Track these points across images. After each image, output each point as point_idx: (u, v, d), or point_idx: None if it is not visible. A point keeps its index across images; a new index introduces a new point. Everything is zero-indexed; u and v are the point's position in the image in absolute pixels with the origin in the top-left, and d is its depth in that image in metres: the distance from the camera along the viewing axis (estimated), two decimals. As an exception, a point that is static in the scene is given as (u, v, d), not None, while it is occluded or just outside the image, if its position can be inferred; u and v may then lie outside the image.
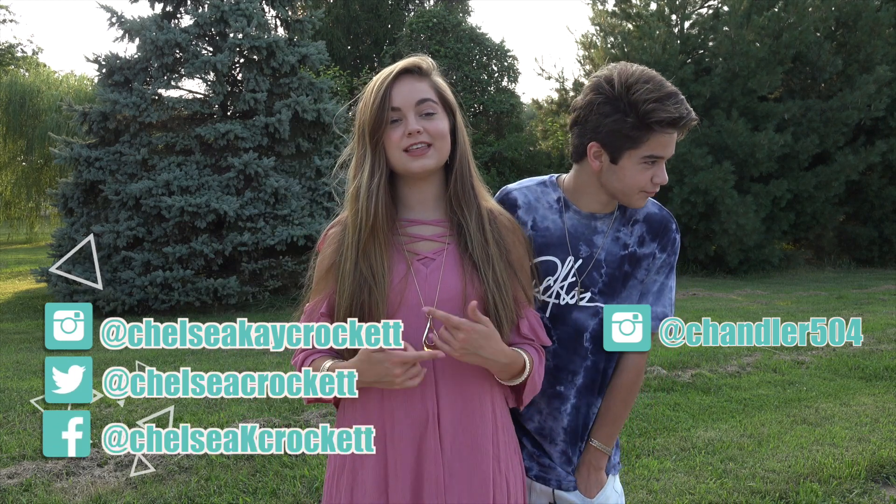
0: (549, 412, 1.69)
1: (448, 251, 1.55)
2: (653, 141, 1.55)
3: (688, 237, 15.04)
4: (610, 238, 1.68)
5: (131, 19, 10.62)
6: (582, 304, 1.66)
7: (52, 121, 19.74)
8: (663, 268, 1.69)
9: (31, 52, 31.00)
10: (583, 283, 1.65)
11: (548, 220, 1.69)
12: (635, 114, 1.52)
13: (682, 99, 1.54)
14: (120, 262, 10.07)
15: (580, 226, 1.68)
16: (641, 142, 1.55)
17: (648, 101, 1.51)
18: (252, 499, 3.36)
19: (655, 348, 6.84)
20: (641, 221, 1.69)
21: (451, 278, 1.53)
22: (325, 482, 1.65)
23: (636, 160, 1.57)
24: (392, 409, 1.52)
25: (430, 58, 1.60)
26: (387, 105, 1.51)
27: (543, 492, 1.71)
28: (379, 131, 1.52)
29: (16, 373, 6.07)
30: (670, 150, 1.58)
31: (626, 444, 4.09)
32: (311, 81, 11.23)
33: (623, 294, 1.67)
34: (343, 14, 24.39)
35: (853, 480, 3.58)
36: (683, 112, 1.53)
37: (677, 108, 1.52)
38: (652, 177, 1.60)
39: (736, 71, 13.67)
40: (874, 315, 8.64)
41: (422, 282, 1.53)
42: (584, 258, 1.66)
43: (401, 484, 1.50)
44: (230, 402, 4.82)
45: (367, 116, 1.53)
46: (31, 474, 3.58)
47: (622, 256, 1.67)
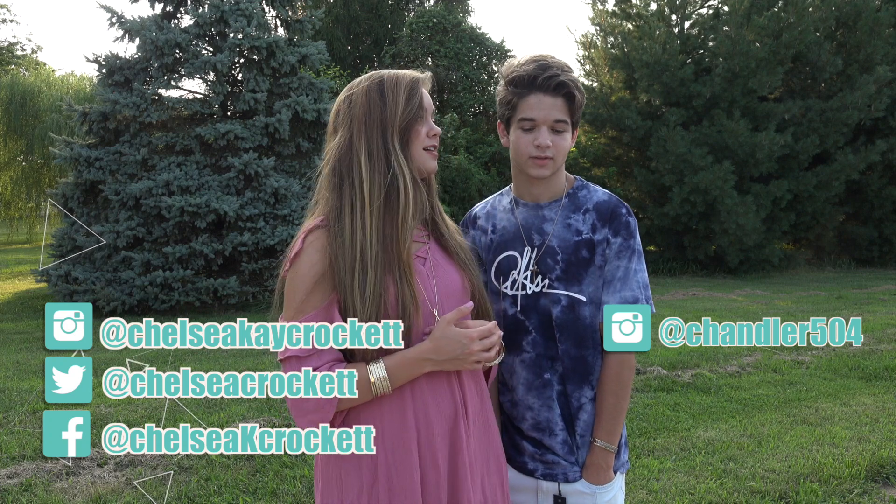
0: (541, 403, 1.70)
1: (432, 250, 1.60)
2: (523, 104, 1.65)
3: (688, 237, 15.04)
4: (560, 225, 1.72)
5: (131, 19, 10.63)
6: (544, 291, 1.70)
7: (52, 121, 19.74)
8: (623, 252, 1.69)
9: (31, 51, 31.01)
10: (539, 269, 1.70)
11: (504, 220, 1.79)
12: (504, 82, 1.70)
13: (544, 63, 1.64)
14: (120, 262, 10.07)
15: (530, 217, 1.75)
16: (515, 107, 1.67)
17: (513, 68, 1.68)
18: (252, 499, 3.36)
19: (655, 348, 6.83)
20: (591, 210, 1.73)
21: (450, 274, 1.59)
22: (326, 490, 1.56)
23: (517, 127, 1.68)
24: (425, 408, 1.51)
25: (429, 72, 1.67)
26: (422, 104, 1.56)
27: (549, 490, 1.71)
28: (412, 128, 1.55)
29: (16, 373, 6.07)
30: (542, 113, 1.64)
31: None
32: (311, 81, 11.24)
33: (586, 280, 1.69)
34: (343, 14, 24.38)
35: (853, 480, 3.58)
36: (537, 72, 1.63)
37: (531, 67, 1.64)
38: (533, 140, 1.66)
39: (736, 71, 13.67)
40: (874, 315, 8.64)
41: (426, 280, 1.55)
42: (538, 246, 1.72)
43: (439, 478, 1.51)
44: (230, 402, 4.82)
45: (400, 112, 1.53)
46: (31, 474, 3.58)
47: (577, 242, 1.70)
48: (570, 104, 1.65)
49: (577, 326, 1.69)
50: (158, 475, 3.58)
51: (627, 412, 1.79)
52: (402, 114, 1.53)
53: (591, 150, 16.42)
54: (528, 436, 1.73)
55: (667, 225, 14.84)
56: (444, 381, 1.52)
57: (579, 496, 1.70)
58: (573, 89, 1.65)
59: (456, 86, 20.02)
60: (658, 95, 14.76)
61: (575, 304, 1.68)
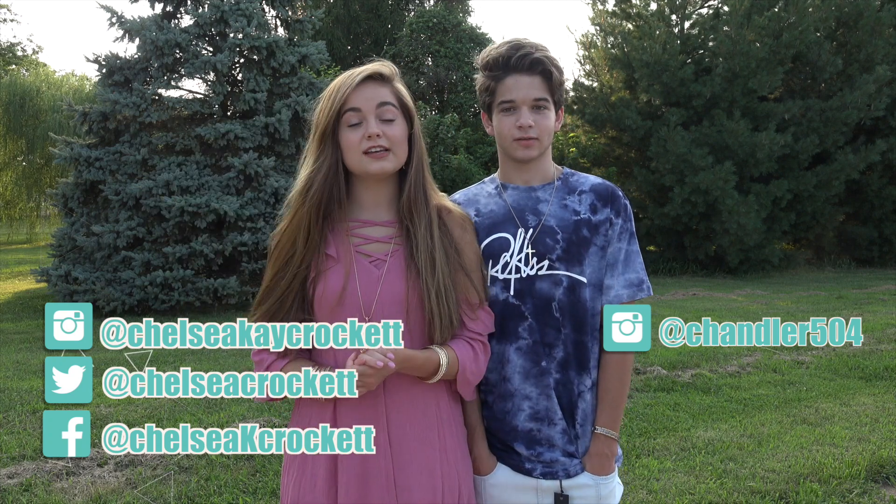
0: (539, 392, 1.66)
1: (396, 254, 1.57)
2: (501, 87, 1.65)
3: (688, 237, 15.03)
4: (556, 205, 1.70)
5: (131, 19, 10.62)
6: (542, 274, 1.65)
7: (52, 121, 19.75)
8: (623, 234, 1.70)
9: (31, 52, 31.03)
10: (537, 250, 1.66)
11: (490, 204, 1.74)
12: (480, 68, 1.70)
13: (521, 44, 1.64)
14: (120, 262, 10.07)
15: (522, 199, 1.72)
16: (493, 91, 1.67)
17: (488, 53, 1.69)
18: (252, 499, 3.36)
19: (655, 348, 6.84)
20: (588, 191, 1.72)
21: (394, 282, 1.55)
22: (281, 472, 1.65)
23: (498, 111, 1.68)
24: (342, 405, 1.54)
25: (392, 64, 1.64)
26: (346, 107, 1.54)
27: (550, 488, 1.68)
28: (337, 131, 1.55)
29: (16, 373, 6.07)
30: (521, 93, 1.64)
31: (625, 444, 4.08)
32: (311, 81, 11.23)
33: (586, 261, 1.67)
34: (343, 14, 24.38)
35: (853, 480, 3.58)
36: (510, 52, 1.64)
37: (507, 49, 1.64)
38: (516, 122, 1.65)
39: (736, 71, 13.67)
40: (874, 315, 8.64)
41: (369, 284, 1.54)
42: (534, 227, 1.68)
43: (350, 479, 1.52)
44: (230, 402, 4.82)
45: (326, 116, 1.55)
46: (31, 474, 3.58)
47: (576, 222, 1.68)
48: (547, 81, 1.65)
49: (577, 309, 1.66)
50: (158, 475, 3.58)
51: (627, 412, 1.79)
52: (329, 118, 1.56)
53: (591, 150, 16.41)
54: (522, 431, 1.67)
55: (667, 225, 14.83)
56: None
57: (582, 489, 1.67)
58: (549, 66, 1.64)
59: (456, 86, 20.01)
60: (658, 95, 14.75)
61: (576, 285, 1.66)
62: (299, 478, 1.57)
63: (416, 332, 1.56)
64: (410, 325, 1.53)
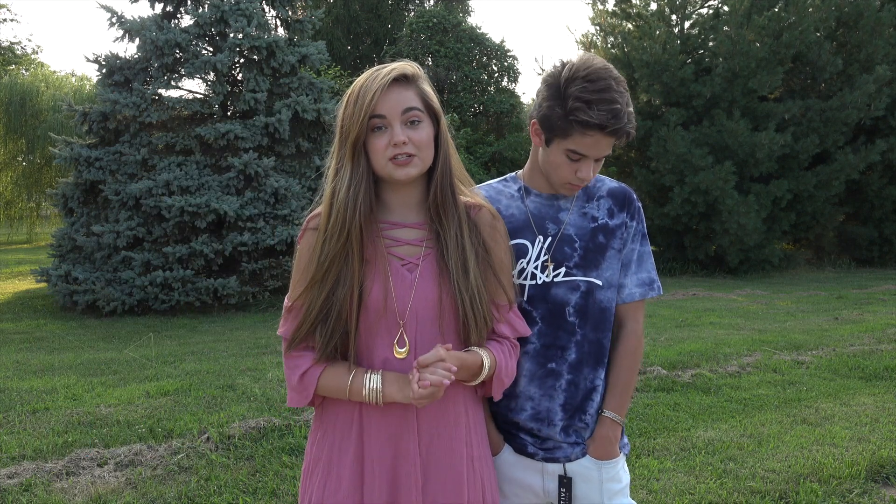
0: (542, 393, 1.70)
1: (428, 257, 1.55)
2: (577, 137, 1.57)
3: (688, 237, 15.03)
4: (576, 214, 1.73)
5: (131, 19, 10.63)
6: (558, 280, 1.69)
7: (52, 121, 19.76)
8: (636, 236, 1.76)
9: (31, 52, 31.03)
10: (553, 258, 1.69)
11: (511, 207, 1.75)
12: (563, 107, 1.56)
13: (616, 108, 1.53)
14: (120, 262, 10.07)
15: (543, 207, 1.74)
16: (567, 135, 1.58)
17: (578, 100, 1.54)
18: (252, 499, 3.35)
19: (656, 348, 6.82)
20: (606, 196, 1.75)
21: (427, 288, 1.53)
22: (302, 475, 1.64)
23: (562, 150, 1.61)
24: (371, 409, 1.53)
25: (415, 63, 1.58)
26: (372, 114, 1.49)
27: (554, 470, 1.73)
28: (362, 139, 1.50)
29: (16, 373, 6.07)
30: (596, 151, 1.59)
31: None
32: (311, 81, 11.24)
33: (604, 265, 1.71)
34: (343, 14, 24.39)
35: (853, 480, 3.57)
36: (607, 120, 1.53)
37: (602, 114, 1.52)
38: (576, 171, 1.63)
39: (736, 71, 13.67)
40: (874, 315, 8.64)
41: (402, 289, 1.53)
42: (553, 235, 1.71)
43: (377, 482, 1.52)
44: (230, 402, 4.82)
45: (352, 123, 1.50)
46: (31, 474, 3.58)
47: (593, 229, 1.72)
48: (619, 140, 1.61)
49: (594, 310, 1.70)
50: (158, 475, 3.58)
51: (627, 413, 1.80)
52: (354, 126, 1.49)
53: (591, 150, 16.39)
54: (524, 427, 1.73)
55: (667, 225, 14.84)
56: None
57: (585, 471, 1.72)
58: (631, 130, 1.59)
59: (456, 86, 20.03)
60: (658, 95, 14.76)
61: (593, 288, 1.70)
62: (324, 479, 1.56)
63: (450, 334, 1.55)
64: (444, 327, 1.53)
